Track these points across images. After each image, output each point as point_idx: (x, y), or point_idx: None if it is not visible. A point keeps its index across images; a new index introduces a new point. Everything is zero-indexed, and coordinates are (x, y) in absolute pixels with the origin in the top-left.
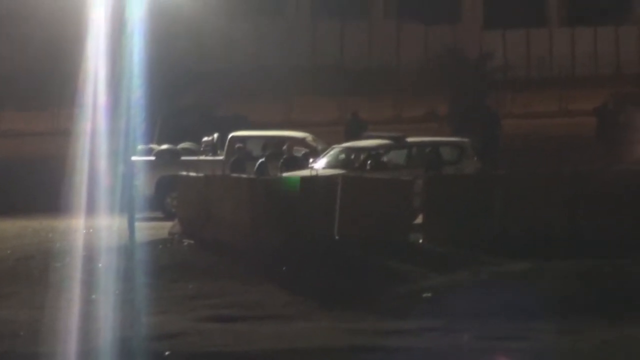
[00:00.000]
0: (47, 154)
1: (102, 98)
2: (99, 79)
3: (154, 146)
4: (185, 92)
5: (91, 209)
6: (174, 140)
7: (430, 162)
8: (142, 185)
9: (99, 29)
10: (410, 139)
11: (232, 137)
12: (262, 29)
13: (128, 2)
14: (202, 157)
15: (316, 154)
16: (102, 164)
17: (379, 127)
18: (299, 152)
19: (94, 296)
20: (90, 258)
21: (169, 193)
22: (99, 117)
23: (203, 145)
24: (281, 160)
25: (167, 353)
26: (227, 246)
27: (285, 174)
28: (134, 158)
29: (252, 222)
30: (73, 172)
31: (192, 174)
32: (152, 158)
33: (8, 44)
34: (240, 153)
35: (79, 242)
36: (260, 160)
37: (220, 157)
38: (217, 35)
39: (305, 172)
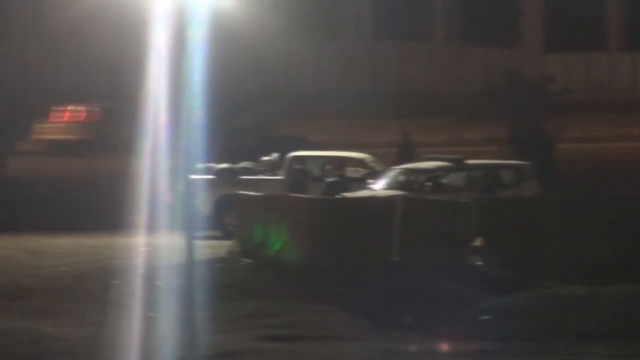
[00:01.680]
0: (108, 172)
1: (163, 116)
2: (159, 98)
3: (214, 165)
4: (245, 113)
5: (150, 227)
6: (233, 160)
7: (487, 184)
8: (201, 203)
9: (160, 48)
10: (469, 161)
11: (292, 156)
12: (321, 51)
13: (189, 23)
14: (262, 177)
15: (375, 175)
16: (162, 182)
17: (439, 149)
18: (358, 172)
19: (152, 314)
20: (148, 276)
21: (228, 212)
22: (159, 135)
23: (263, 165)
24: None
25: None
26: (286, 266)
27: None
28: (193, 176)
29: (311, 242)
30: (133, 189)
31: (252, 193)
32: (212, 177)
33: (68, 64)
34: (299, 174)
35: (137, 259)
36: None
37: (280, 177)
38: (276, 58)
39: (363, 193)
